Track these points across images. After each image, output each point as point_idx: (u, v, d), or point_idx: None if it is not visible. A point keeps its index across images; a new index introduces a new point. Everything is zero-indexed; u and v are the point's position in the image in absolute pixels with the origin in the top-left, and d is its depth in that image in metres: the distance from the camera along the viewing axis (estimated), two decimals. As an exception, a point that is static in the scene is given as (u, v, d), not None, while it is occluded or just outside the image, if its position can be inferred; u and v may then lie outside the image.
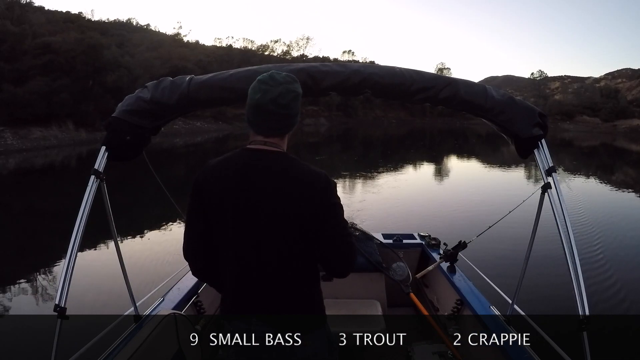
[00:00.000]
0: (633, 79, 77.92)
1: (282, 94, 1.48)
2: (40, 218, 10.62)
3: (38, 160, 22.93)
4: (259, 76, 1.53)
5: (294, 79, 1.54)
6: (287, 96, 1.48)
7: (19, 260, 7.59)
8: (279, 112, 1.49)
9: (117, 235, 2.36)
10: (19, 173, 19.44)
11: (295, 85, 1.53)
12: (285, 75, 1.53)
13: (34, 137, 25.96)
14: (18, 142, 24.83)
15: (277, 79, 1.50)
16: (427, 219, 9.51)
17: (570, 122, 65.38)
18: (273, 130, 1.53)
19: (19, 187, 15.18)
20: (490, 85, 2.34)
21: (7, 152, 23.33)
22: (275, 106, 1.48)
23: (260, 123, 1.52)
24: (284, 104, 1.48)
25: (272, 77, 1.50)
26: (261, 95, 1.48)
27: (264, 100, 1.48)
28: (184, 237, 1.64)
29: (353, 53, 78.68)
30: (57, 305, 1.81)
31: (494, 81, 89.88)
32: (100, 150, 2.10)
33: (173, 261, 5.81)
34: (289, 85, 1.50)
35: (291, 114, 1.52)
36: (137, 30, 51.12)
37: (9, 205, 12.48)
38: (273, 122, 1.51)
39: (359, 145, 36.02)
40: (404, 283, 3.36)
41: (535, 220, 2.30)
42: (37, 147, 25.26)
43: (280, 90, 1.48)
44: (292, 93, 1.50)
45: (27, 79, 26.98)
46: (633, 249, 8.02)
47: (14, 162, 21.84)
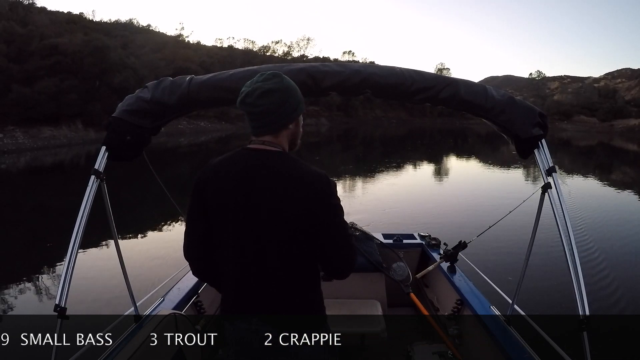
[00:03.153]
0: (632, 79, 77.96)
1: (249, 93, 1.49)
2: (47, 216, 10.67)
3: (48, 158, 23.32)
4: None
5: (274, 76, 1.52)
6: (252, 94, 1.48)
7: (22, 259, 7.60)
8: (251, 111, 1.50)
9: (117, 235, 2.36)
10: (29, 171, 19.69)
11: (267, 82, 1.50)
12: (267, 74, 1.53)
13: (44, 136, 26.71)
14: (29, 141, 25.54)
15: (255, 79, 1.52)
16: (427, 219, 9.50)
17: (567, 122, 65.51)
18: (259, 129, 1.54)
19: (29, 186, 15.28)
20: (490, 86, 2.34)
21: (18, 151, 23.89)
22: (245, 106, 1.50)
23: (249, 123, 1.55)
24: (250, 102, 1.49)
25: (253, 79, 1.52)
26: (239, 98, 1.52)
27: (239, 101, 1.52)
28: (185, 237, 1.64)
29: (353, 54, 79.03)
30: (57, 305, 1.81)
31: (493, 81, 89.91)
32: (101, 150, 2.10)
33: (173, 261, 5.81)
34: (259, 84, 1.49)
35: (265, 111, 1.49)
36: (140, 31, 51.46)
37: (18, 203, 12.56)
38: (254, 121, 1.53)
39: (359, 145, 36.03)
40: (404, 283, 3.36)
41: (536, 220, 2.29)
42: (48, 146, 25.96)
43: (249, 90, 1.49)
44: (258, 90, 1.48)
45: (36, 79, 27.55)
46: (631, 249, 8.02)
47: (25, 160, 22.18)
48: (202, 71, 32.55)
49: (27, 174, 18.81)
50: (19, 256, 7.79)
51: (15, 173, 19.51)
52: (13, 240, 8.86)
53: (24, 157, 22.91)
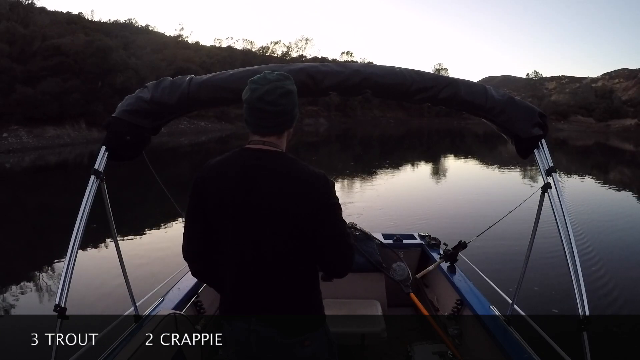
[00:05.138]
0: (630, 79, 78.02)
1: (269, 91, 1.47)
2: (50, 215, 10.69)
3: (52, 157, 23.55)
4: (252, 77, 1.53)
5: (286, 77, 1.53)
6: (274, 93, 1.47)
7: (22, 259, 7.62)
8: (267, 110, 1.48)
9: (117, 235, 2.36)
10: (33, 170, 19.81)
11: (286, 82, 1.51)
12: (277, 74, 1.52)
13: (48, 135, 27.19)
14: (33, 141, 25.99)
15: (268, 77, 1.50)
16: (427, 219, 9.50)
17: (564, 122, 65.54)
18: (267, 129, 1.52)
19: (33, 184, 15.33)
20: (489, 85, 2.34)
21: (23, 150, 24.25)
22: (263, 104, 1.48)
23: (254, 122, 1.53)
24: (270, 101, 1.47)
25: (263, 77, 1.51)
26: (250, 94, 1.49)
27: (252, 99, 1.48)
28: (184, 238, 1.63)
29: (351, 54, 78.99)
30: (57, 305, 1.81)
31: (492, 81, 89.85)
32: (100, 150, 2.09)
33: (173, 261, 5.80)
34: (277, 83, 1.49)
35: (281, 111, 1.50)
36: (140, 32, 51.63)
37: (21, 201, 12.57)
38: (265, 121, 1.51)
39: (357, 145, 36.03)
40: (404, 283, 3.36)
41: (535, 220, 2.29)
42: (52, 145, 26.39)
43: (268, 88, 1.48)
44: (279, 90, 1.48)
45: (39, 79, 27.90)
46: (628, 248, 8.02)
47: (29, 159, 22.39)
48: (203, 72, 32.76)
49: (31, 173, 18.95)
50: (19, 256, 7.80)
51: (19, 172, 19.67)
52: (14, 239, 8.87)
53: (28, 156, 23.13)
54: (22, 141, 25.28)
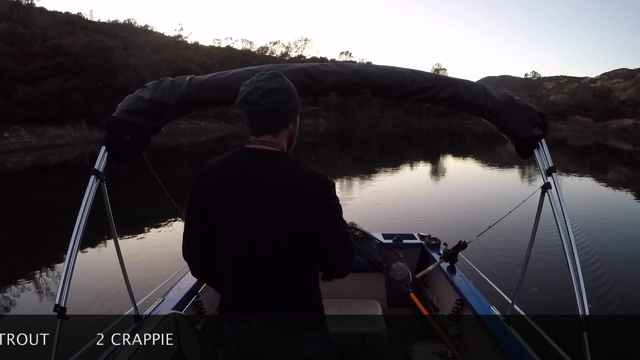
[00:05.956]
0: (628, 79, 78.05)
1: (252, 92, 1.48)
2: (50, 214, 10.69)
3: (53, 157, 23.66)
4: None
5: (276, 75, 1.52)
6: (255, 93, 1.48)
7: (23, 258, 7.61)
8: (252, 110, 1.49)
9: (117, 235, 2.36)
10: (35, 170, 19.86)
11: (272, 81, 1.50)
12: (268, 74, 1.52)
13: (50, 135, 27.47)
14: (35, 140, 26.26)
15: (255, 79, 1.51)
16: (427, 219, 9.50)
17: (562, 122, 65.57)
18: (259, 128, 1.53)
19: (34, 184, 15.34)
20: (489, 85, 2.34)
21: (24, 150, 24.41)
22: (247, 104, 1.49)
23: (247, 122, 1.54)
24: (252, 101, 1.48)
25: (253, 78, 1.52)
26: (239, 97, 1.51)
27: (238, 100, 1.51)
28: (184, 238, 1.63)
29: (350, 54, 79.24)
30: (57, 305, 1.81)
31: (490, 81, 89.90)
32: (100, 150, 2.09)
33: (173, 261, 5.79)
34: (262, 83, 1.49)
35: (267, 110, 1.49)
36: (139, 32, 51.86)
37: (22, 201, 12.56)
38: (255, 120, 1.52)
39: (356, 145, 36.04)
40: (404, 283, 3.36)
41: (535, 221, 2.29)
42: (53, 145, 26.61)
43: (251, 88, 1.49)
44: (260, 89, 1.48)
45: (40, 80, 28.13)
46: (626, 247, 8.03)
47: (30, 159, 22.50)
48: (203, 72, 32.93)
49: (32, 173, 18.99)
50: (19, 256, 7.79)
51: (20, 171, 19.70)
52: (14, 239, 8.87)
53: (29, 156, 23.23)
54: (24, 141, 25.47)
